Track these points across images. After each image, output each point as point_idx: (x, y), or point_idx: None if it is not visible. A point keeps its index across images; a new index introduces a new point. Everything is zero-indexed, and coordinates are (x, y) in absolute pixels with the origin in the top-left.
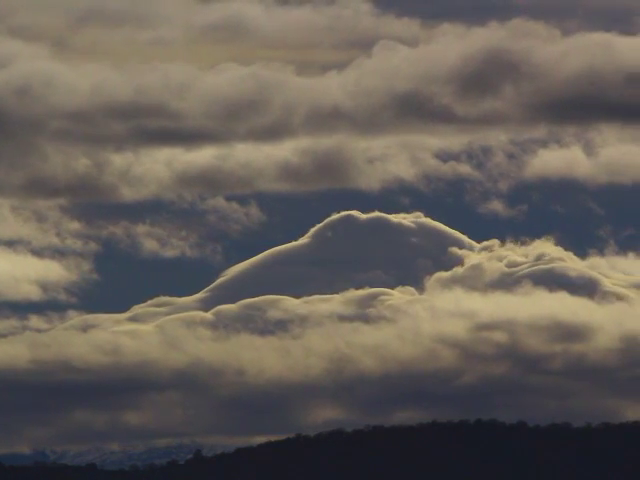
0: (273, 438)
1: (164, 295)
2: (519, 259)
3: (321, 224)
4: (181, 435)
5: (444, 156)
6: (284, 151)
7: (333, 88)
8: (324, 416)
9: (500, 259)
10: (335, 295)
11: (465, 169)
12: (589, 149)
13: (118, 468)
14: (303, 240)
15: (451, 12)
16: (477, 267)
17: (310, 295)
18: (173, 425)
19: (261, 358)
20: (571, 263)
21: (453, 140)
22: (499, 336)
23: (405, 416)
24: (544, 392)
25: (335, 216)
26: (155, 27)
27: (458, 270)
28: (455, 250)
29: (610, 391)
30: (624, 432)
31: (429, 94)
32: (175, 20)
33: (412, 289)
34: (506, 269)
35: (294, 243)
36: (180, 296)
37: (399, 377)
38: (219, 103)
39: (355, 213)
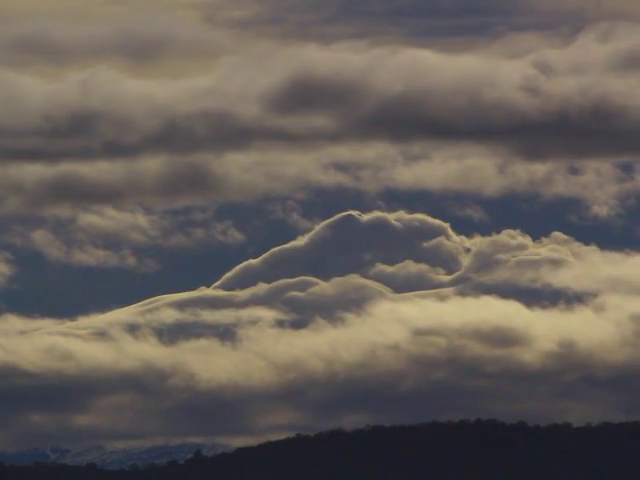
0: (242, 441)
1: (96, 299)
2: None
3: (320, 225)
4: (139, 437)
5: (309, 169)
6: (148, 164)
7: (179, 101)
8: (274, 420)
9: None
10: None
11: (340, 180)
12: (440, 161)
13: (118, 468)
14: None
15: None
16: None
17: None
18: (125, 427)
19: (209, 362)
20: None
21: (300, 156)
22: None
23: (355, 419)
24: (487, 395)
25: (338, 216)
26: None
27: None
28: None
29: (552, 394)
30: (624, 432)
31: (256, 112)
32: None
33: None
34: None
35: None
36: (112, 301)
37: (345, 381)
38: (66, 116)
39: (355, 213)
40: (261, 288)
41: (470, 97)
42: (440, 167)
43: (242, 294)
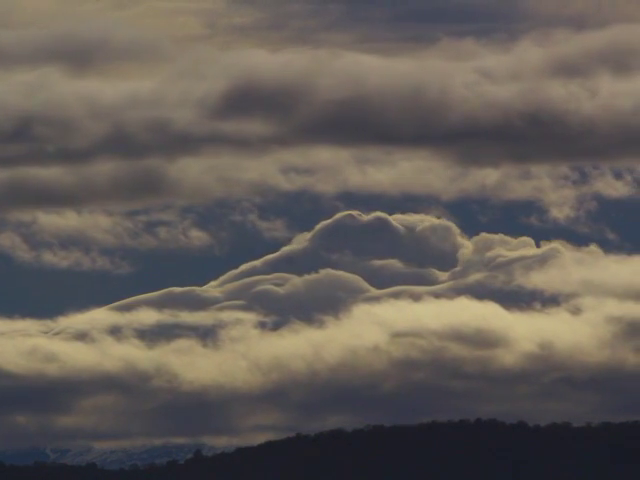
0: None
1: (72, 301)
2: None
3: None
4: (124, 438)
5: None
6: (101, 168)
7: (126, 105)
8: (257, 421)
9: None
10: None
11: (298, 183)
12: (393, 165)
13: (118, 468)
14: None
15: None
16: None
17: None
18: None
19: (191, 363)
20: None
21: (252, 160)
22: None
23: (338, 420)
24: (469, 395)
25: (339, 215)
26: None
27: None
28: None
29: (532, 395)
30: (624, 432)
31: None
32: None
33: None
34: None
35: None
36: (89, 303)
37: (327, 383)
38: (12, 120)
39: (355, 213)
40: (235, 284)
41: (414, 102)
42: (393, 171)
43: (217, 291)
